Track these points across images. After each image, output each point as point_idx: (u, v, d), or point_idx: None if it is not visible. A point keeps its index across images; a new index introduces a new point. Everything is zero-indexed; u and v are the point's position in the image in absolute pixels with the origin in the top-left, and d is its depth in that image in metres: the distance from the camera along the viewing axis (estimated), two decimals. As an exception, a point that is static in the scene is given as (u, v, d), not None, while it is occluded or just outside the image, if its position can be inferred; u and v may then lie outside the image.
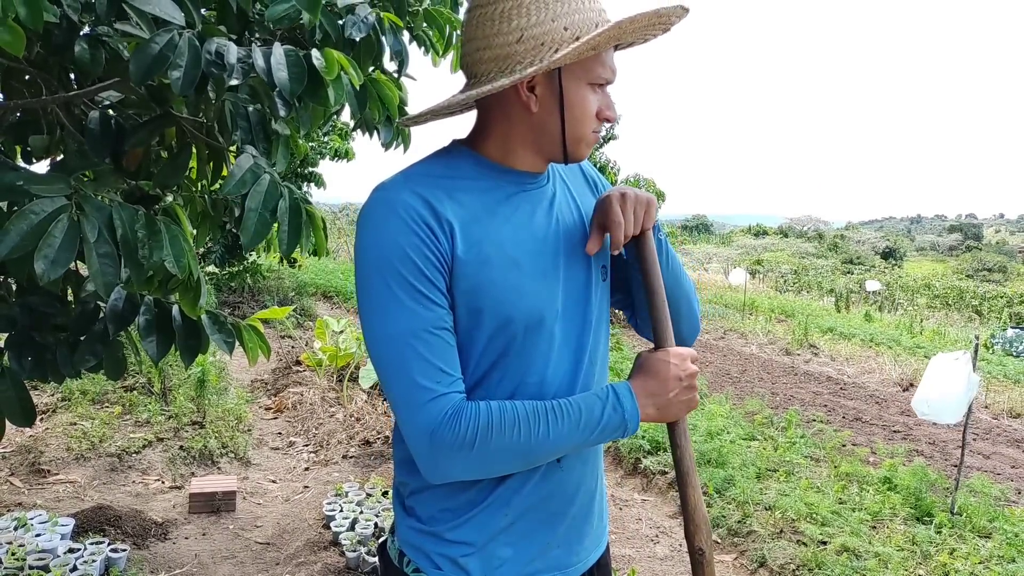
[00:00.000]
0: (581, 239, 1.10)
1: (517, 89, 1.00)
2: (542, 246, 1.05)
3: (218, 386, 5.47)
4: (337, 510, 3.63)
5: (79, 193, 1.39)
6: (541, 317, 1.03)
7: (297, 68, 1.57)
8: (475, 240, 0.99)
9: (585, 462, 1.13)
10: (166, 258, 1.48)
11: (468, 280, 0.98)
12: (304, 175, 9.87)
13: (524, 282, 1.02)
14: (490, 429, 0.95)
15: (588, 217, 1.14)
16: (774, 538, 3.68)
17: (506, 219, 1.03)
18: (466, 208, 1.00)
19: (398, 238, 0.95)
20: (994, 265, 44.91)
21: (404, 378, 0.95)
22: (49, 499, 3.76)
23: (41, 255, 1.29)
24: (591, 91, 1.01)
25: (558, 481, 1.09)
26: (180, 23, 1.48)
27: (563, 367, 1.07)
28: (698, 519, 1.07)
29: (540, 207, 1.08)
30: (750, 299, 16.02)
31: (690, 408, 1.07)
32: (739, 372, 8.81)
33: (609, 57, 1.02)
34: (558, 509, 1.10)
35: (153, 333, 1.94)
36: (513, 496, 1.06)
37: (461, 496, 1.06)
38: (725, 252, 45.79)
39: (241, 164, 1.59)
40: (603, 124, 1.05)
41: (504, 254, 1.01)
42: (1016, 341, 12.14)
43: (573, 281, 1.09)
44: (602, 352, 1.15)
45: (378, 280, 0.96)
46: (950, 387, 3.86)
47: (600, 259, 1.14)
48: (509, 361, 1.03)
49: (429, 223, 0.96)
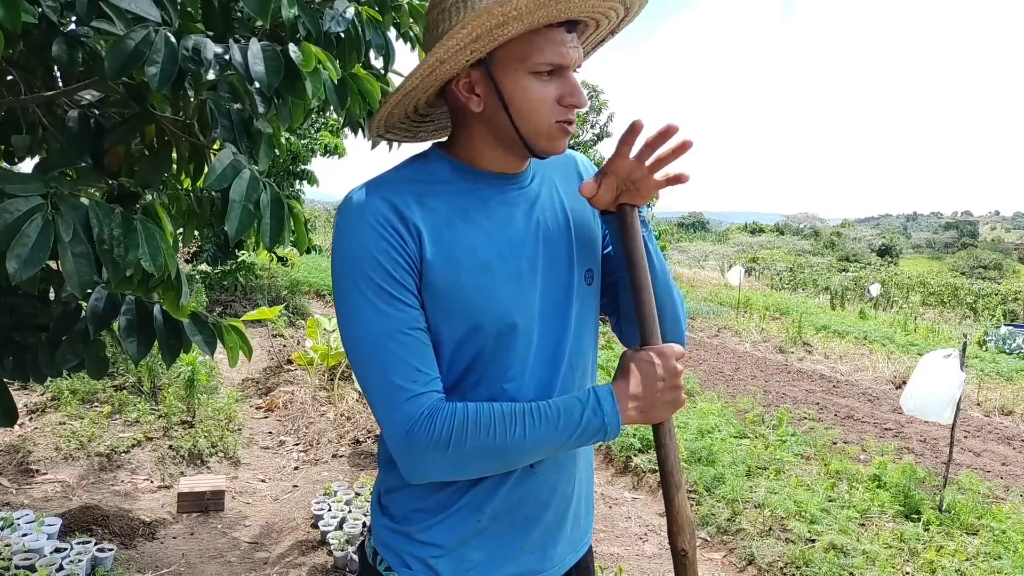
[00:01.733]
0: (564, 242, 1.09)
1: (457, 93, 1.00)
2: (517, 249, 1.04)
3: (208, 385, 5.46)
4: (326, 509, 3.62)
5: (55, 192, 1.38)
6: (513, 321, 1.02)
7: (274, 61, 1.57)
8: (445, 244, 0.99)
9: (560, 468, 1.11)
10: (142, 257, 1.48)
11: (437, 284, 0.98)
12: (296, 172, 9.84)
13: (495, 286, 1.01)
14: (464, 430, 0.94)
15: (576, 219, 1.12)
16: (763, 536, 3.68)
17: (478, 223, 1.02)
18: (436, 213, 1.00)
19: (367, 243, 0.96)
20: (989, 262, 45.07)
21: (381, 378, 0.95)
22: (37, 499, 3.74)
23: (14, 254, 1.29)
24: (535, 79, 0.97)
25: (531, 486, 1.08)
26: (156, 20, 1.48)
27: (540, 372, 1.06)
28: (681, 520, 1.05)
29: (518, 209, 1.06)
30: (745, 297, 16.03)
31: (676, 408, 1.03)
32: (732, 370, 8.82)
33: (551, 40, 0.96)
34: (531, 514, 1.09)
35: (134, 333, 1.93)
36: (485, 500, 1.05)
37: (433, 497, 1.06)
38: (721, 250, 45.87)
39: (222, 159, 1.59)
40: (570, 111, 1.00)
41: (474, 258, 1.00)
42: (1010, 338, 12.17)
43: (552, 285, 1.07)
44: (586, 356, 1.13)
45: (350, 285, 0.97)
46: (938, 385, 3.87)
47: (585, 262, 1.11)
48: (483, 366, 1.02)
49: (396, 227, 0.96)
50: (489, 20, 0.89)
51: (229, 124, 1.85)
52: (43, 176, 1.45)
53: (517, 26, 0.92)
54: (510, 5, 0.88)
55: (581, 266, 1.10)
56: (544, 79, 0.97)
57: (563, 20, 0.96)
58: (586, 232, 1.13)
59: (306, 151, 9.67)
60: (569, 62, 0.98)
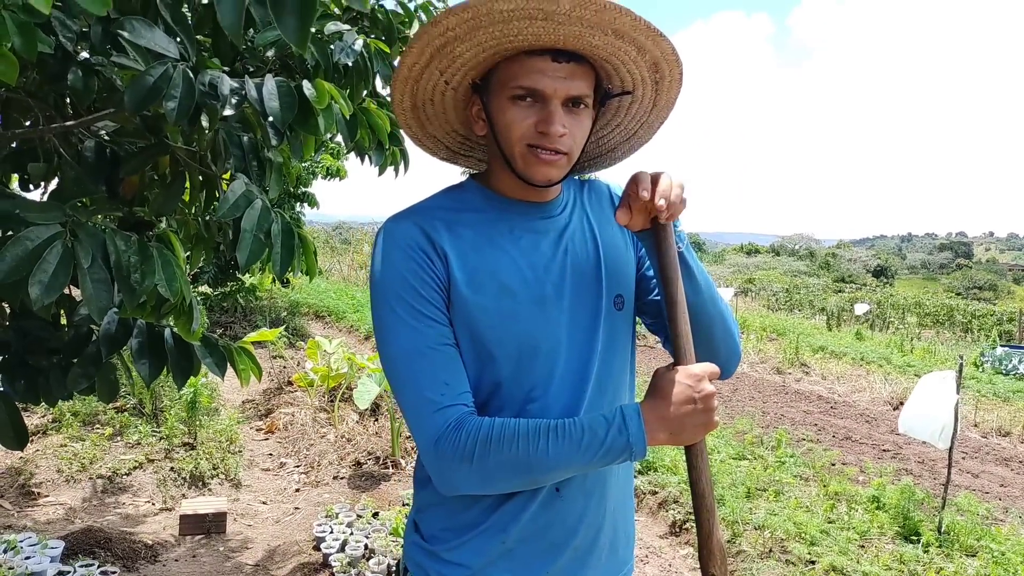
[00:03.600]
0: (592, 269, 1.12)
1: (471, 117, 1.07)
2: (543, 275, 1.08)
3: (209, 407, 5.47)
4: (328, 532, 3.63)
5: (73, 220, 1.43)
6: (535, 343, 1.06)
7: (288, 98, 1.62)
8: (469, 268, 1.04)
9: (589, 495, 1.11)
10: (158, 283, 1.52)
11: (463, 306, 1.03)
12: (297, 195, 9.91)
13: (518, 309, 1.05)
14: (488, 442, 0.96)
15: (606, 246, 1.14)
16: (763, 557, 3.70)
17: (504, 248, 1.07)
18: (464, 239, 1.05)
19: (398, 266, 1.02)
20: (984, 283, 45.21)
21: (413, 392, 1.00)
22: (39, 521, 3.75)
23: (35, 281, 1.33)
24: (512, 104, 1.00)
25: (557, 510, 1.09)
26: (174, 55, 1.53)
27: (566, 393, 1.08)
28: (712, 545, 1.02)
29: (547, 238, 1.10)
30: (741, 318, 16.08)
31: (707, 430, 1.01)
32: (730, 391, 8.84)
33: (528, 67, 0.98)
34: (558, 540, 1.10)
35: (145, 356, 1.96)
36: (511, 522, 1.07)
37: (461, 517, 1.09)
38: (718, 271, 45.99)
39: (235, 189, 1.64)
40: (542, 138, 0.99)
41: (498, 282, 1.04)
42: (1006, 359, 12.20)
43: (580, 310, 1.09)
44: (618, 379, 1.14)
45: (384, 305, 1.03)
46: (934, 408, 3.90)
47: (615, 288, 1.13)
48: (507, 386, 1.06)
49: (425, 249, 1.03)
50: (429, 41, 0.97)
51: (241, 154, 1.90)
52: (62, 204, 1.49)
53: (469, 47, 0.97)
54: (441, 26, 0.95)
55: (610, 292, 1.12)
56: (521, 104, 0.99)
57: (547, 47, 0.97)
58: (616, 259, 1.15)
59: (307, 174, 9.74)
60: (546, 88, 0.98)
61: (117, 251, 1.47)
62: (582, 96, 1.01)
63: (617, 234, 1.17)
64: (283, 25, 0.80)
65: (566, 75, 0.99)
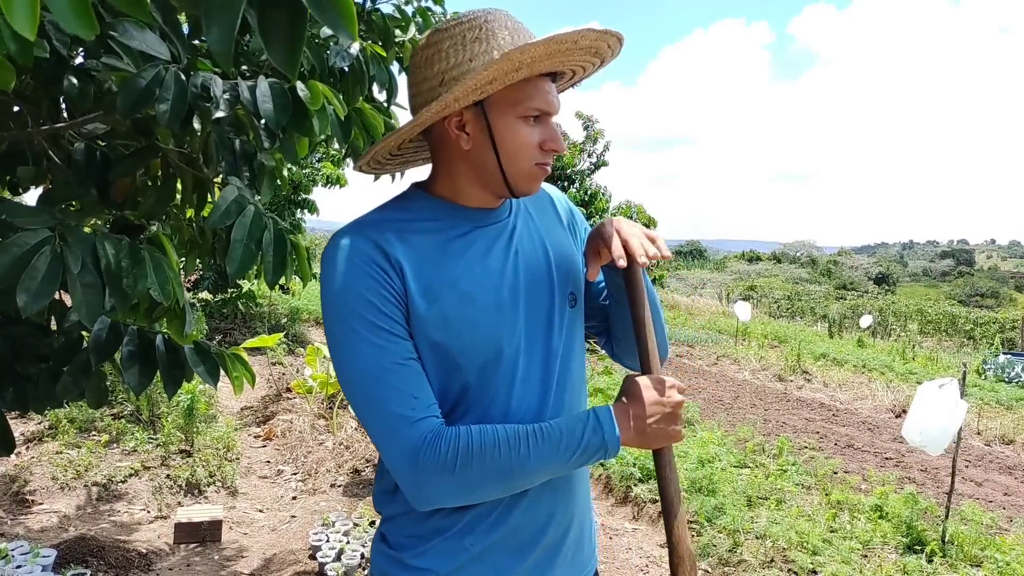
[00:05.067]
0: (543, 269, 1.13)
1: (448, 129, 1.03)
2: (498, 280, 1.07)
3: (207, 414, 5.43)
4: (324, 540, 3.59)
5: (63, 224, 1.40)
6: (499, 349, 1.05)
7: (282, 100, 1.60)
8: (427, 278, 1.02)
9: (555, 492, 1.12)
10: (151, 286, 1.49)
11: (423, 317, 1.01)
12: (297, 202, 9.91)
13: (479, 316, 1.04)
14: (470, 451, 0.96)
15: (555, 246, 1.16)
16: (764, 567, 3.65)
17: (459, 256, 1.05)
18: (416, 249, 1.03)
19: (354, 282, 0.99)
20: (986, 291, 45.16)
21: (380, 410, 0.98)
22: (33, 529, 3.71)
23: (24, 287, 1.30)
24: (524, 124, 1.02)
25: (525, 509, 1.09)
26: (166, 58, 1.51)
27: (528, 398, 1.08)
28: (682, 551, 1.06)
29: (497, 241, 1.10)
30: (743, 325, 16.04)
31: (672, 440, 1.07)
32: (731, 398, 8.80)
33: (540, 89, 1.02)
34: (526, 540, 1.10)
35: (136, 363, 1.93)
36: (477, 524, 1.06)
37: (427, 523, 1.08)
38: (719, 278, 45.94)
39: (226, 196, 1.61)
40: (549, 155, 1.06)
41: (457, 290, 1.03)
42: (1008, 367, 12.15)
43: (535, 312, 1.10)
44: (574, 378, 1.16)
45: (341, 324, 1.00)
46: (937, 416, 3.86)
47: (568, 286, 1.15)
48: (471, 394, 1.05)
49: (381, 264, 1.00)
50: (507, 65, 0.94)
51: (232, 158, 1.88)
52: (50, 208, 1.47)
53: (524, 73, 0.98)
54: (528, 54, 0.94)
55: (563, 290, 1.14)
56: (530, 124, 1.03)
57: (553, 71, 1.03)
58: (565, 258, 1.17)
59: (307, 181, 9.74)
60: (554, 110, 1.04)
61: (108, 255, 1.45)
62: None
63: (562, 234, 1.20)
64: (273, 52, 0.78)
65: (556, 93, 1.06)
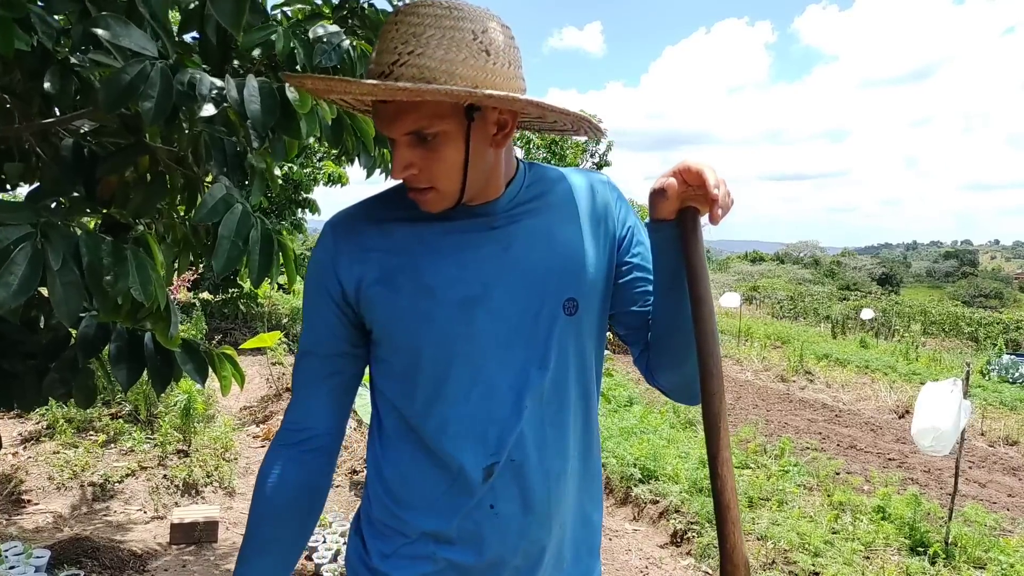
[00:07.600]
0: (539, 269, 1.02)
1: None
2: (472, 274, 0.99)
3: (205, 414, 5.42)
4: (320, 541, 3.57)
5: (45, 221, 1.38)
6: (452, 347, 0.98)
7: (270, 100, 1.57)
8: (392, 267, 1.00)
9: (529, 510, 1.02)
10: (132, 286, 1.47)
11: (378, 308, 1.00)
12: (298, 201, 9.90)
13: (435, 310, 0.98)
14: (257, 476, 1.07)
15: (559, 249, 1.04)
16: (766, 568, 3.62)
17: (431, 248, 1.00)
18: (392, 238, 1.01)
19: (311, 267, 1.08)
20: (990, 291, 45.04)
21: (296, 382, 1.10)
22: (27, 530, 3.69)
23: (2, 282, 1.28)
24: None
25: (493, 528, 1.01)
26: (152, 54, 1.48)
27: (495, 406, 1.00)
28: (737, 559, 0.93)
29: (488, 235, 1.01)
30: (746, 325, 15.99)
31: None
32: (734, 399, 8.76)
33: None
34: (494, 559, 1.02)
35: (124, 360, 1.91)
36: (441, 531, 1.02)
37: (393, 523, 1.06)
38: (722, 278, 45.83)
39: (214, 193, 1.58)
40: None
41: (418, 282, 0.98)
42: (1012, 367, 12.09)
43: (513, 314, 1.00)
44: (568, 394, 1.05)
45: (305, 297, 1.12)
46: (945, 417, 3.81)
47: (566, 290, 1.02)
48: (429, 392, 1.00)
49: (332, 254, 1.04)
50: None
51: (222, 158, 1.85)
52: (34, 205, 1.45)
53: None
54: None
55: (558, 295, 1.02)
56: None
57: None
58: (574, 260, 1.04)
59: (308, 180, 9.73)
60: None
61: (90, 253, 1.42)
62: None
63: (584, 235, 1.06)
64: (218, 9, 0.75)
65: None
